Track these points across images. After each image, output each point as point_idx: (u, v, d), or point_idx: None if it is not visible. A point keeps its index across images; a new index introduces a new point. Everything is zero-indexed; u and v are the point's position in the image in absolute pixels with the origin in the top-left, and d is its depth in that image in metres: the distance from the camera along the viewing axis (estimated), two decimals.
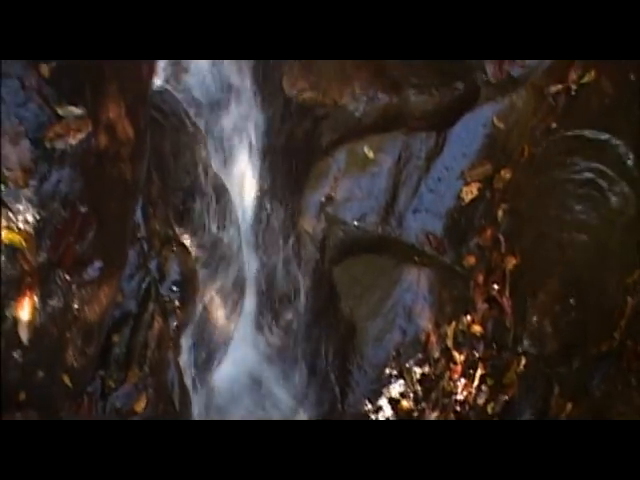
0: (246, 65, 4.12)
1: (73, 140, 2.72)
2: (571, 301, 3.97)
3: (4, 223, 2.64)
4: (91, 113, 2.75)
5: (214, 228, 3.98)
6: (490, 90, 4.13)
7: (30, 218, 2.70)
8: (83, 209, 2.81)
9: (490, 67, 4.10)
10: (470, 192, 4.17)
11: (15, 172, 2.64)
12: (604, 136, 3.97)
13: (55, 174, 2.72)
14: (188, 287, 3.75)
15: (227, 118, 4.12)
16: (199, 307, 3.95)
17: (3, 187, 2.63)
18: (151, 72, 3.21)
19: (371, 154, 4.13)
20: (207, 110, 4.06)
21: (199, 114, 4.02)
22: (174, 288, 3.69)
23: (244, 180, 4.27)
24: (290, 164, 4.27)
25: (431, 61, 4.03)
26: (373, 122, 4.17)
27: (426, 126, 4.16)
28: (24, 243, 2.70)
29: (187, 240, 3.81)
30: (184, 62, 3.95)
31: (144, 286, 3.53)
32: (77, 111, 2.72)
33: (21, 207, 2.68)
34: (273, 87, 4.19)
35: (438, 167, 4.16)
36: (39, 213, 2.71)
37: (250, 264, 4.36)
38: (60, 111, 2.69)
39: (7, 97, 2.60)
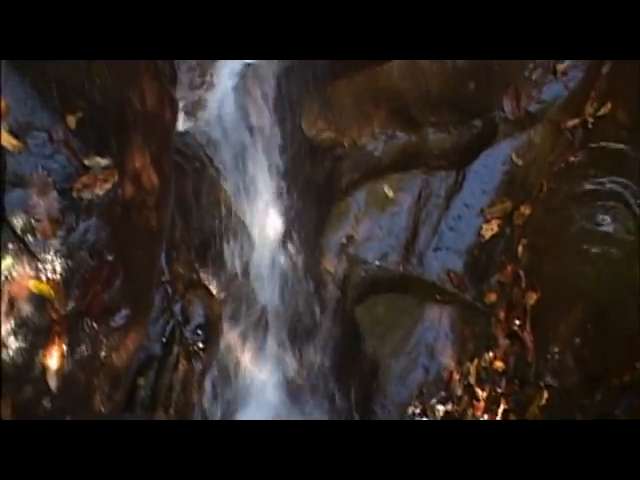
0: (265, 105, 4.15)
1: (100, 190, 2.75)
2: (592, 332, 3.95)
3: (32, 273, 2.66)
4: (117, 163, 2.78)
5: (236, 269, 4.00)
6: (508, 127, 4.14)
7: (58, 268, 2.72)
8: (110, 258, 2.83)
9: (507, 104, 4.12)
10: (490, 229, 4.17)
11: (43, 223, 2.66)
12: (620, 179, 3.97)
13: (82, 224, 2.74)
14: (212, 329, 3.76)
15: (247, 159, 4.14)
16: (222, 348, 3.96)
17: (31, 238, 2.65)
18: (174, 118, 3.24)
19: (391, 193, 4.14)
20: (227, 151, 4.09)
21: (220, 155, 4.04)
22: (198, 331, 3.70)
23: (265, 221, 4.29)
24: (311, 204, 4.29)
25: (449, 99, 4.05)
26: (392, 161, 4.19)
27: (445, 164, 4.17)
28: (52, 293, 2.72)
29: (210, 282, 3.83)
30: (204, 103, 3.98)
31: (168, 329, 3.55)
32: (103, 162, 2.75)
33: (49, 257, 2.71)
34: (293, 127, 4.22)
35: (458, 205, 4.16)
36: (67, 263, 2.73)
37: (272, 304, 4.37)
38: (87, 162, 2.72)
39: (35, 149, 2.63)
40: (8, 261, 2.63)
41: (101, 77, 2.86)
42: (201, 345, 3.71)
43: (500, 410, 4.08)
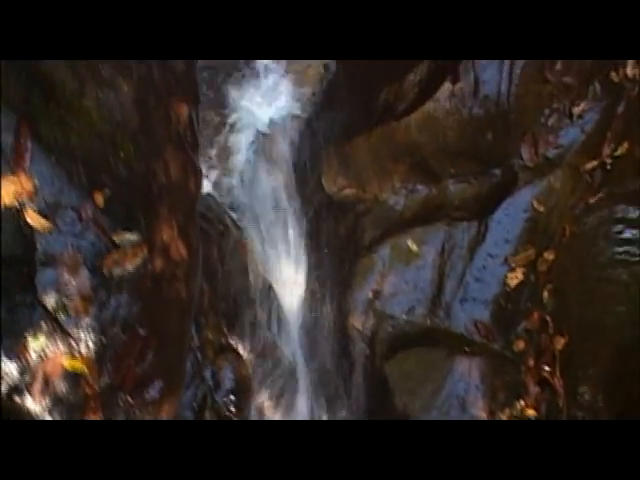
0: (285, 165, 4.18)
1: (130, 266, 2.76)
2: (621, 371, 3.91)
3: (66, 350, 2.67)
4: (146, 238, 2.79)
5: (264, 331, 4.00)
6: (527, 174, 4.14)
7: (91, 344, 2.73)
8: (142, 331, 2.83)
9: (525, 151, 4.13)
10: (515, 277, 4.16)
11: (75, 301, 2.67)
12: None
13: (114, 300, 2.76)
14: (242, 393, 3.75)
15: (270, 219, 4.16)
16: (253, 410, 3.94)
17: (64, 316, 2.66)
18: (198, 187, 3.26)
19: (415, 247, 4.14)
20: (250, 213, 4.11)
21: (242, 217, 4.07)
22: (229, 395, 3.69)
23: (291, 280, 4.29)
24: (335, 262, 4.30)
25: (467, 150, 4.06)
26: (414, 215, 4.20)
27: (467, 215, 4.17)
28: (86, 369, 2.72)
29: (239, 346, 3.83)
30: (226, 167, 4.02)
31: (199, 395, 3.54)
32: (132, 237, 2.76)
33: (82, 334, 2.72)
34: (313, 185, 4.24)
35: (482, 255, 4.15)
36: (100, 339, 2.74)
37: (301, 364, 4.36)
38: (116, 239, 2.74)
39: (64, 228, 2.65)
40: (41, 340, 2.64)
41: (125, 150, 2.89)
42: (233, 409, 3.69)
43: None
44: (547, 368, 4.12)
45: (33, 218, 2.60)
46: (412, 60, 4.11)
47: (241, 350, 3.83)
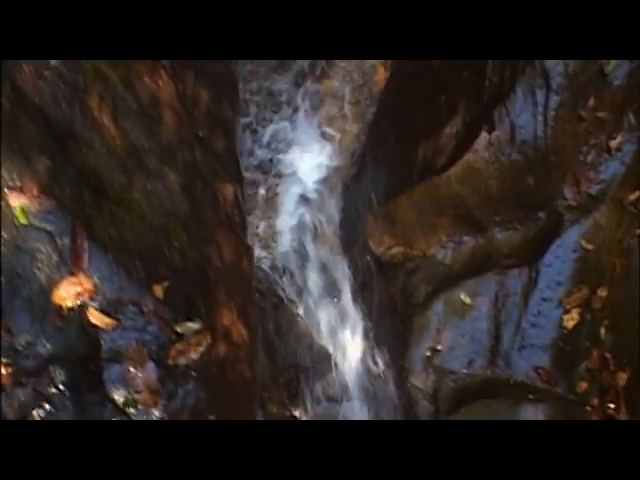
0: (330, 227, 4.20)
1: (194, 355, 2.78)
2: None
3: None
4: (207, 325, 2.81)
5: (327, 400, 3.98)
6: (572, 214, 4.12)
7: None
8: (210, 417, 2.83)
9: (568, 191, 4.12)
10: (571, 319, 4.12)
11: (143, 394, 2.69)
12: None
13: (181, 390, 2.76)
14: None
15: (320, 287, 4.17)
16: None
17: (134, 410, 2.67)
18: (251, 266, 3.28)
19: (468, 300, 4.13)
20: (300, 282, 4.11)
21: (294, 287, 4.07)
22: None
23: (347, 345, 4.28)
24: (390, 322, 4.28)
25: (510, 196, 4.06)
26: (464, 267, 4.18)
27: (517, 262, 4.15)
28: None
29: (303, 417, 3.81)
30: (272, 238, 4.04)
31: None
32: (194, 326, 2.78)
33: None
34: (360, 247, 4.25)
35: (536, 300, 4.12)
36: None
37: None
38: (179, 329, 2.75)
39: (127, 323, 2.68)
40: None
41: (179, 239, 2.92)
42: None
43: None
44: (612, 405, 4.07)
45: (96, 317, 2.63)
46: (447, 114, 4.12)
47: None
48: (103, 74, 3.03)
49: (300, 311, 3.98)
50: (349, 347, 4.30)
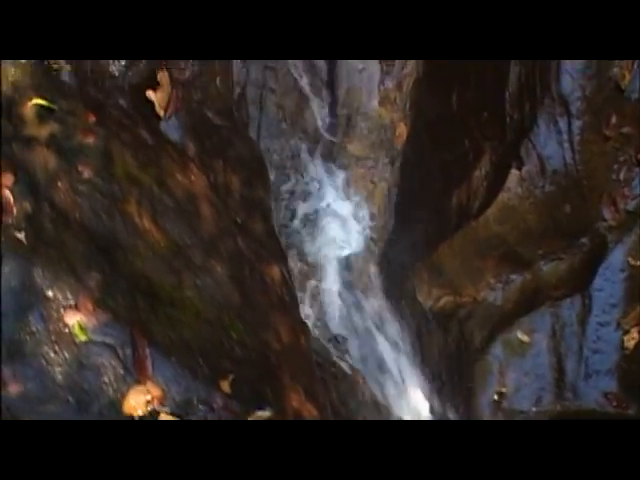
0: (376, 287, 4.20)
1: None
2: None
3: None
4: (277, 410, 2.79)
5: None
6: (614, 233, 4.12)
7: None
8: None
9: (606, 212, 4.11)
10: (632, 338, 4.09)
11: None
12: None
13: None
14: None
15: (374, 346, 4.16)
16: None
17: None
18: (309, 342, 3.28)
19: (525, 337, 4.11)
20: (354, 344, 4.11)
21: (347, 350, 4.07)
22: None
23: (413, 403, 4.26)
24: (451, 372, 4.26)
25: (550, 227, 4.05)
26: (516, 305, 4.17)
27: (567, 291, 4.14)
28: None
29: None
30: (320, 304, 4.05)
31: None
32: (265, 414, 2.77)
33: None
34: (409, 302, 4.24)
35: (593, 326, 4.10)
36: None
37: None
38: (251, 420, 2.74)
39: None
40: None
41: (236, 330, 2.92)
42: None
43: None
44: None
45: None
46: (474, 157, 4.15)
47: None
48: (136, 179, 3.07)
49: (360, 376, 3.96)
50: (414, 404, 4.28)
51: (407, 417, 4.14)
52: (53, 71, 3.27)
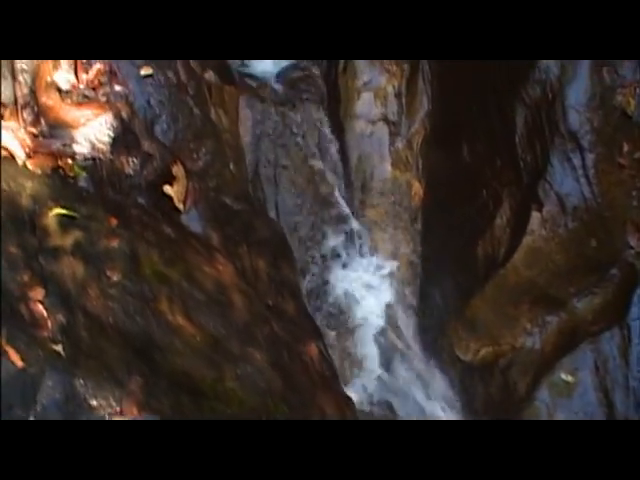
0: (414, 348, 4.19)
1: None
2: None
3: None
4: None
5: None
6: None
7: None
8: None
9: (632, 239, 4.10)
10: None
11: None
12: None
13: None
14: None
15: (421, 407, 4.14)
16: None
17: None
18: (354, 415, 3.26)
19: (570, 378, 4.07)
20: (398, 407, 4.10)
21: (392, 415, 4.05)
22: None
23: None
24: None
25: (578, 264, 4.05)
26: (555, 346, 4.14)
27: (605, 325, 4.10)
28: None
29: None
30: (358, 371, 4.05)
31: None
32: None
33: None
34: (448, 358, 4.23)
35: (635, 356, 4.06)
36: None
37: None
38: None
39: None
40: None
41: (282, 414, 2.92)
42: None
43: None
44: None
45: None
46: (493, 206, 4.16)
47: None
48: (164, 276, 3.10)
49: None
50: None
51: None
52: (70, 179, 3.31)
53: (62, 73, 3.50)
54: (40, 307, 2.82)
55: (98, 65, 3.58)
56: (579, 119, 4.03)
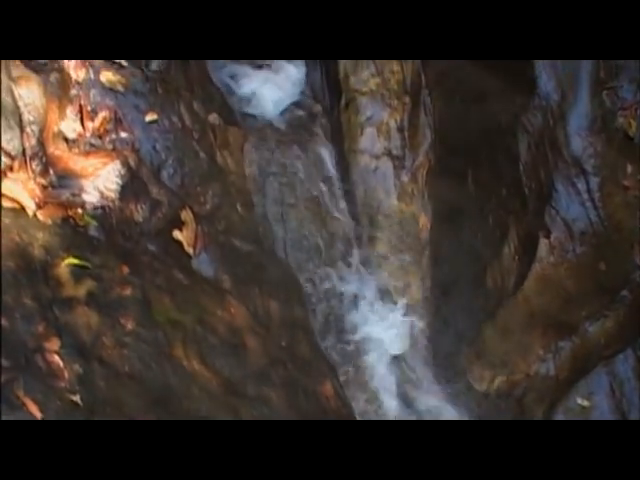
0: (427, 380, 4.19)
1: None
2: None
3: None
4: None
5: None
6: None
7: None
8: None
9: (639, 258, 4.10)
10: None
11: None
12: None
13: None
14: None
15: None
16: None
17: None
18: None
19: (586, 402, 4.06)
20: None
21: None
22: None
23: None
24: None
25: (589, 288, 4.05)
26: (570, 372, 4.14)
27: (618, 347, 4.11)
28: None
29: None
30: (371, 397, 4.05)
31: None
32: None
33: None
34: (463, 388, 4.23)
35: None
36: None
37: None
38: None
39: None
40: None
41: None
42: None
43: None
44: None
45: None
46: (500, 234, 4.17)
47: None
48: (178, 322, 3.12)
49: None
50: None
51: None
52: (80, 228, 3.34)
53: (68, 122, 3.53)
54: (56, 358, 2.83)
55: (103, 113, 3.61)
56: (582, 143, 4.05)
